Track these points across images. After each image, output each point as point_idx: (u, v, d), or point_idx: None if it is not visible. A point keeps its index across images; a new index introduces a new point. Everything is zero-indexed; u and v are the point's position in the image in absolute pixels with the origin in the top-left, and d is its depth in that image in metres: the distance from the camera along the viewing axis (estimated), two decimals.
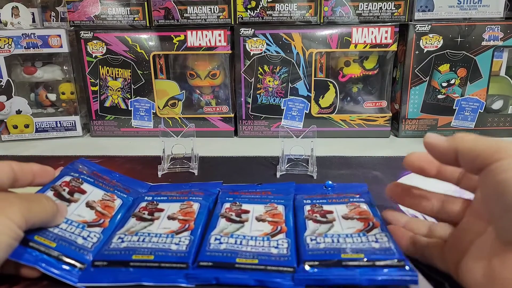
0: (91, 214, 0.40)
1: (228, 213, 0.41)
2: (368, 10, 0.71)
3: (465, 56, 0.72)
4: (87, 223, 0.38)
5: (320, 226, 0.38)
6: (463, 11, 0.70)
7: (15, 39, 0.74)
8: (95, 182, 0.44)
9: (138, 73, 0.77)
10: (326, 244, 0.35)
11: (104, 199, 0.42)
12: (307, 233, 0.37)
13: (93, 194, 0.42)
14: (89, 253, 0.35)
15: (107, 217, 0.40)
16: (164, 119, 0.79)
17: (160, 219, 0.40)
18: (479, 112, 0.74)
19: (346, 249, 0.34)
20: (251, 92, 0.76)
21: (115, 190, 0.45)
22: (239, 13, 0.72)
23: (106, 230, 0.39)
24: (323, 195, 0.45)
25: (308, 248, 0.35)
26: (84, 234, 0.37)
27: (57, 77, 0.80)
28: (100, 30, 0.75)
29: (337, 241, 0.35)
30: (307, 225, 0.39)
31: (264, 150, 0.68)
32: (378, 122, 0.77)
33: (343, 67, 0.78)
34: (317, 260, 0.33)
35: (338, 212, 0.40)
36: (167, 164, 0.60)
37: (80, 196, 0.41)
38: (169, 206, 0.43)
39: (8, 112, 0.77)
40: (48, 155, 0.69)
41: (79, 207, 0.40)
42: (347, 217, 0.39)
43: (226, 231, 0.38)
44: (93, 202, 0.41)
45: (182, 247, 0.35)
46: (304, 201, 0.43)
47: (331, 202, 0.43)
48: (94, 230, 0.38)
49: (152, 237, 0.37)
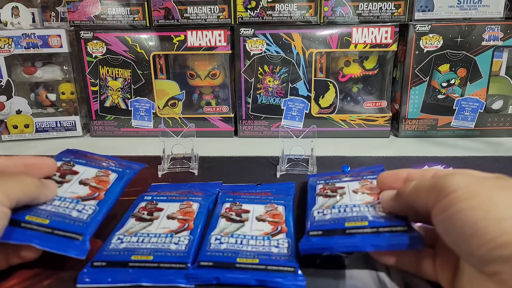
0: (85, 190, 0.39)
1: (228, 213, 0.41)
2: (368, 10, 0.71)
3: (465, 56, 0.72)
4: (81, 197, 0.37)
5: (329, 200, 0.38)
6: (463, 11, 0.70)
7: (15, 39, 0.74)
8: (87, 162, 0.43)
9: (138, 73, 0.77)
10: (332, 215, 0.35)
11: (98, 175, 0.41)
12: (315, 208, 0.38)
13: (86, 173, 0.41)
14: (85, 224, 0.34)
15: (102, 190, 0.39)
16: (164, 119, 0.79)
17: (160, 218, 0.40)
18: (479, 112, 0.74)
19: (351, 217, 0.34)
20: (251, 92, 0.76)
21: (109, 166, 0.44)
22: (239, 13, 0.72)
23: (102, 202, 0.38)
24: (339, 176, 0.45)
25: (314, 220, 0.35)
26: (79, 207, 0.36)
27: (57, 77, 0.80)
28: (100, 30, 0.75)
29: (343, 211, 0.35)
30: (317, 200, 0.39)
31: (264, 150, 0.68)
32: (378, 122, 0.77)
33: (343, 67, 0.78)
34: (321, 230, 0.34)
35: (349, 188, 0.40)
36: (167, 164, 0.60)
37: (72, 177, 0.40)
38: (169, 206, 0.43)
39: (8, 112, 0.77)
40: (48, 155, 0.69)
41: (72, 185, 0.39)
42: (358, 191, 0.39)
43: (226, 231, 0.38)
44: (86, 179, 0.40)
45: (182, 247, 0.35)
46: (318, 181, 0.44)
47: (344, 180, 0.43)
48: (89, 203, 0.37)
49: (151, 238, 0.37)
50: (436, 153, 0.67)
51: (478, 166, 0.60)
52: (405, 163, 0.62)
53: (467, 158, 0.64)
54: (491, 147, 0.71)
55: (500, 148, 0.71)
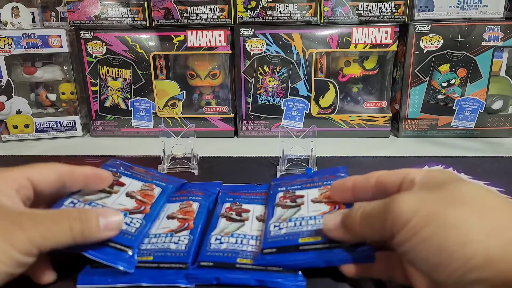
0: (132, 203, 0.39)
1: (228, 212, 0.41)
2: (368, 10, 0.71)
3: (465, 56, 0.72)
4: (128, 210, 0.38)
5: (287, 211, 0.38)
6: (463, 11, 0.70)
7: (15, 39, 0.74)
8: (132, 174, 0.44)
9: (138, 73, 0.77)
10: (287, 229, 0.35)
11: (143, 189, 0.42)
12: (272, 221, 0.37)
13: (132, 185, 0.42)
14: (134, 237, 0.35)
15: (148, 204, 0.40)
16: (164, 119, 0.79)
17: (160, 219, 0.40)
18: (479, 112, 0.74)
19: (306, 232, 0.34)
20: (251, 92, 0.76)
21: (153, 180, 0.45)
22: (239, 13, 0.72)
23: (148, 216, 0.38)
24: (301, 181, 0.45)
25: (269, 236, 0.35)
26: (127, 220, 0.36)
27: (57, 77, 0.80)
28: (100, 30, 0.75)
29: (299, 224, 0.35)
30: (275, 212, 0.39)
31: (264, 150, 0.68)
32: (378, 122, 0.77)
33: (343, 67, 0.78)
34: (275, 247, 0.33)
35: (308, 196, 0.40)
36: (167, 164, 0.60)
37: (119, 188, 0.41)
38: (169, 206, 0.43)
39: (8, 112, 0.77)
40: (48, 155, 0.69)
41: (120, 197, 0.40)
42: (316, 200, 0.39)
43: (226, 231, 0.38)
44: (132, 192, 0.41)
45: (181, 247, 0.35)
46: (279, 189, 0.43)
47: (305, 187, 0.42)
48: (136, 216, 0.37)
49: (151, 238, 0.37)
50: (436, 153, 0.67)
51: (478, 166, 0.60)
52: (405, 163, 0.62)
53: (467, 158, 0.64)
54: (491, 147, 0.71)
55: (500, 148, 0.71)
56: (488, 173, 0.57)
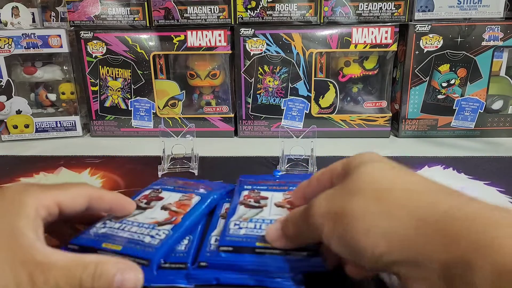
0: (164, 214, 0.39)
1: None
2: (368, 10, 0.71)
3: (465, 56, 0.72)
4: (158, 222, 0.37)
5: (249, 211, 0.38)
6: (463, 11, 0.70)
7: (15, 39, 0.74)
8: (174, 188, 0.44)
9: (138, 73, 0.77)
10: (247, 230, 0.35)
11: (181, 199, 0.42)
12: (233, 218, 0.37)
13: (170, 198, 0.42)
14: (155, 249, 0.34)
15: (181, 214, 0.39)
16: (164, 119, 0.79)
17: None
18: (479, 112, 0.74)
19: (263, 236, 0.34)
20: (251, 92, 0.76)
21: (194, 190, 0.44)
22: (239, 13, 0.72)
23: (177, 226, 0.37)
24: (268, 182, 0.44)
25: (228, 234, 0.35)
26: (153, 233, 0.36)
27: (57, 77, 0.80)
28: (100, 30, 0.75)
29: (259, 227, 0.35)
30: (237, 209, 0.39)
31: (264, 150, 0.68)
32: (378, 122, 0.77)
33: (343, 67, 0.78)
34: (231, 246, 0.33)
35: (272, 199, 0.40)
36: (167, 164, 0.60)
37: (156, 203, 0.41)
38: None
39: (8, 112, 0.77)
40: (48, 155, 0.69)
41: (154, 211, 0.39)
42: (279, 204, 0.39)
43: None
44: (168, 204, 0.41)
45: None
46: (245, 187, 0.43)
47: (271, 189, 0.42)
48: (164, 227, 0.37)
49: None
50: (436, 153, 0.67)
51: (478, 166, 0.60)
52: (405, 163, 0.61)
53: (467, 158, 0.64)
54: (491, 147, 0.71)
55: (500, 148, 0.71)
56: (488, 173, 0.57)
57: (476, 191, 0.52)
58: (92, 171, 0.61)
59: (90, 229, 0.36)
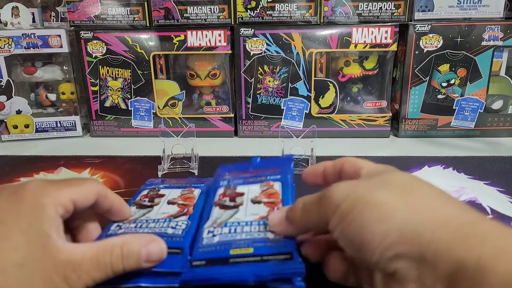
0: (175, 208, 0.39)
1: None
2: (368, 10, 0.71)
3: (465, 56, 0.72)
4: (172, 215, 0.38)
5: (224, 213, 0.37)
6: (463, 11, 0.70)
7: (15, 39, 0.74)
8: (170, 185, 0.45)
9: (138, 73, 0.77)
10: (221, 237, 0.34)
11: (183, 193, 0.43)
12: (207, 225, 0.36)
13: (172, 193, 0.43)
14: (181, 238, 0.34)
15: (190, 205, 0.40)
16: (164, 119, 0.79)
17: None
18: (479, 112, 0.74)
19: (238, 242, 0.33)
20: (251, 92, 0.77)
21: (191, 184, 0.45)
22: (239, 13, 0.72)
23: (192, 216, 0.38)
24: (245, 173, 0.44)
25: (201, 245, 0.34)
26: (172, 224, 0.36)
27: (57, 77, 0.80)
28: (100, 30, 0.75)
29: (234, 231, 0.34)
30: (212, 212, 0.38)
31: (264, 150, 0.68)
32: (378, 122, 0.77)
33: (343, 67, 0.78)
34: (204, 259, 0.32)
35: (249, 194, 0.39)
36: (167, 164, 0.60)
37: (160, 199, 0.41)
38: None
39: (8, 112, 0.77)
40: (48, 155, 0.69)
41: (162, 207, 0.40)
42: (256, 200, 0.38)
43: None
44: (173, 199, 0.41)
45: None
46: (221, 183, 0.43)
47: (247, 182, 0.42)
48: (181, 218, 0.37)
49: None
50: (436, 153, 0.67)
51: (478, 166, 0.60)
52: (405, 163, 0.62)
53: (467, 158, 0.64)
54: (491, 147, 0.71)
55: (500, 148, 0.71)
56: (488, 173, 0.57)
57: (476, 191, 0.52)
58: (92, 171, 0.61)
59: (106, 231, 0.36)
